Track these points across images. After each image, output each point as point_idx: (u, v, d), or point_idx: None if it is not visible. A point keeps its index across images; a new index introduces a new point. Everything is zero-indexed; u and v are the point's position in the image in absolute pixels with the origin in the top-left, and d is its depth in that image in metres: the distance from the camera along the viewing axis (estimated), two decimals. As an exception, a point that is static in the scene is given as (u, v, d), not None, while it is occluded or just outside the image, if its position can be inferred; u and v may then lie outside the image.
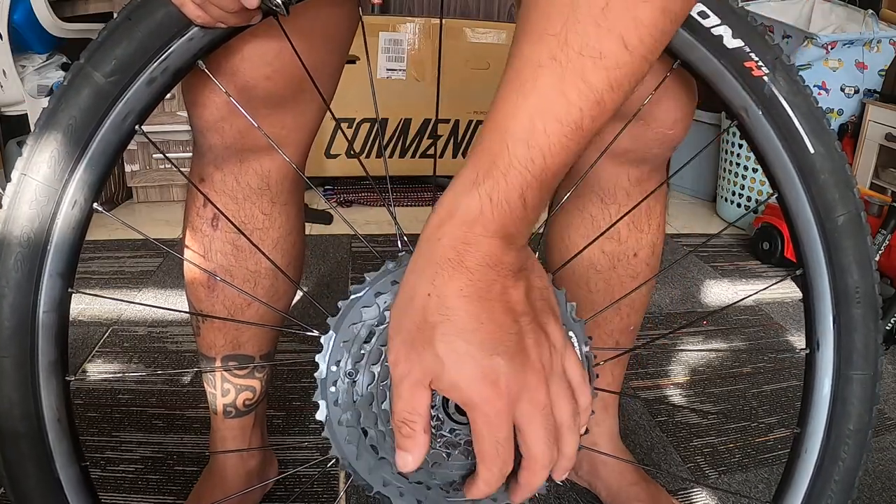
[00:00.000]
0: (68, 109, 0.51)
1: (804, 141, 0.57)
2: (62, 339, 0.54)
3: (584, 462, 0.99)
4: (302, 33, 0.63)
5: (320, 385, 0.48)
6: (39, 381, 0.53)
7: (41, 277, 0.52)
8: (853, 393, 0.60)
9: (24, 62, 1.95)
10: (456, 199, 0.41)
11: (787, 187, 0.59)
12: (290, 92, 0.68)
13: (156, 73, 0.52)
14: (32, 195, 0.51)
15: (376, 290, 0.49)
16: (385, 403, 0.47)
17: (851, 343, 0.59)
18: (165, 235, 1.98)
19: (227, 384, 0.86)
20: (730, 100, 0.58)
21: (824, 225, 0.58)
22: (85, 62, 0.51)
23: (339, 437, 0.49)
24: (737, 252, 2.07)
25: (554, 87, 0.39)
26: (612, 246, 0.84)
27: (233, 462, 0.92)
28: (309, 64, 0.62)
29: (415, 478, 0.49)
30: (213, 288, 0.79)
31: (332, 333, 0.49)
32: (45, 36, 1.91)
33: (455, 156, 2.47)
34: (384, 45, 2.27)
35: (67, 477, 0.55)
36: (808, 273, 0.60)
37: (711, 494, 1.05)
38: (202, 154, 0.74)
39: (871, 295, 0.59)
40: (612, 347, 0.90)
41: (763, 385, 1.35)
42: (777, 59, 0.57)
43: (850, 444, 0.60)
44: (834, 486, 0.61)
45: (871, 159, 2.03)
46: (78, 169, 0.52)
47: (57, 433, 0.54)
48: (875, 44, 2.07)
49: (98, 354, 1.34)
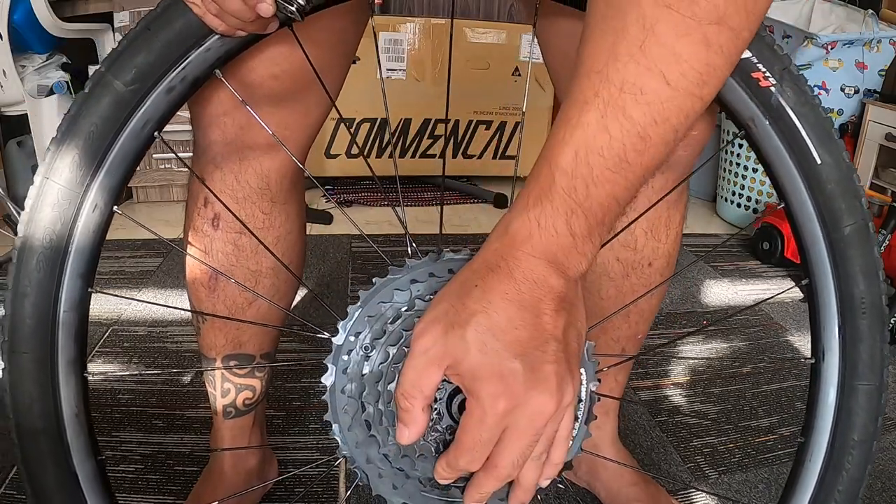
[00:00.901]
0: (89, 116, 0.52)
1: (811, 151, 0.58)
2: (81, 337, 0.56)
3: (583, 463, 0.99)
4: (312, 39, 0.63)
5: (335, 350, 0.50)
6: (59, 377, 0.54)
7: (62, 278, 0.53)
8: (858, 403, 0.60)
9: (24, 62, 1.95)
10: (510, 221, 0.43)
11: (793, 197, 0.59)
12: (296, 91, 0.68)
13: (174, 82, 0.54)
14: (55, 198, 0.52)
15: (413, 277, 0.50)
16: (392, 385, 0.48)
17: (857, 353, 0.59)
18: (166, 235, 1.98)
19: (228, 384, 0.86)
20: (737, 110, 0.58)
21: (831, 235, 0.58)
22: (106, 70, 0.53)
23: (337, 405, 0.50)
24: (737, 252, 2.07)
25: (597, 123, 0.41)
26: (627, 254, 0.82)
27: (232, 462, 0.92)
28: (318, 67, 0.62)
29: (397, 463, 0.49)
30: (214, 288, 0.79)
31: (360, 305, 0.50)
32: (45, 36, 1.91)
33: (455, 156, 2.47)
34: (384, 45, 2.27)
35: (84, 472, 0.56)
36: (814, 283, 0.60)
37: (711, 494, 1.05)
38: (202, 152, 0.74)
39: (878, 305, 0.59)
40: (618, 354, 0.89)
41: (763, 385, 1.35)
42: (785, 69, 0.57)
43: (855, 455, 0.60)
44: (837, 496, 0.60)
45: (871, 159, 2.03)
46: (99, 174, 0.53)
47: (75, 429, 0.55)
48: (875, 44, 2.07)
49: (98, 354, 1.34)
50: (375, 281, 0.51)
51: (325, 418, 0.50)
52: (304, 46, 0.59)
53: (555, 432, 0.45)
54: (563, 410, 0.44)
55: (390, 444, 0.49)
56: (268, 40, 0.63)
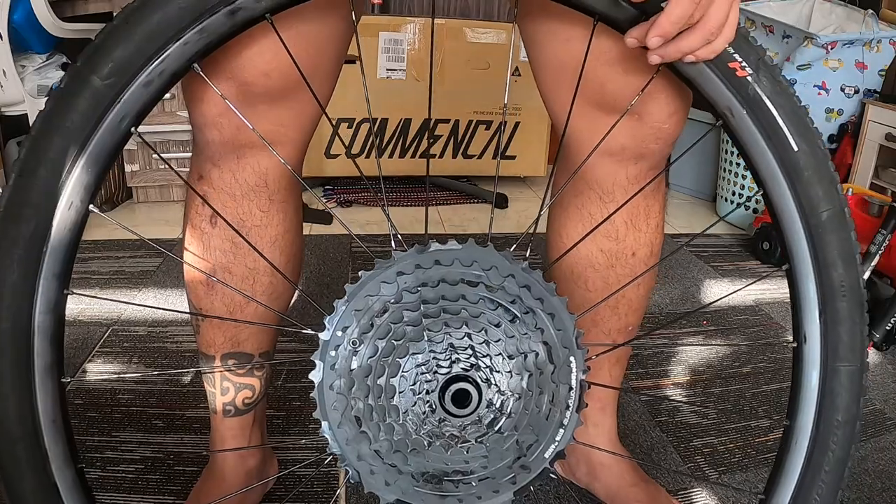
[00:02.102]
0: (65, 112, 0.51)
1: (788, 139, 0.59)
2: (58, 340, 0.54)
3: (582, 464, 0.99)
4: (299, 36, 0.63)
5: (321, 346, 0.50)
6: (36, 383, 0.52)
7: (37, 279, 0.52)
8: (841, 384, 0.61)
9: (24, 62, 1.96)
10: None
11: (772, 184, 0.60)
12: (289, 89, 0.68)
13: (152, 76, 0.53)
14: (29, 196, 0.51)
15: (399, 270, 0.50)
16: (381, 379, 0.48)
17: (838, 336, 0.61)
18: (165, 235, 1.98)
19: (227, 382, 0.86)
20: (714, 100, 0.59)
21: (809, 221, 0.60)
22: (82, 65, 0.51)
23: (326, 402, 0.50)
24: (737, 252, 2.07)
25: None
26: (609, 245, 0.84)
27: (232, 462, 0.92)
28: (306, 65, 0.63)
29: (389, 459, 0.49)
30: (213, 286, 0.79)
31: (347, 300, 0.50)
32: (45, 36, 1.91)
33: (455, 156, 2.47)
34: (384, 45, 2.27)
35: (63, 480, 0.54)
36: (794, 268, 0.61)
37: (711, 494, 1.05)
38: (201, 151, 0.74)
39: (857, 288, 0.60)
40: (609, 344, 0.90)
41: (763, 385, 1.35)
42: (760, 59, 0.58)
43: (839, 435, 0.62)
44: (824, 475, 0.62)
45: (871, 159, 2.03)
46: (74, 171, 0.52)
47: (53, 435, 0.53)
48: (875, 44, 2.07)
49: (98, 354, 1.34)
50: (361, 274, 0.50)
51: (315, 416, 0.50)
52: (291, 43, 0.59)
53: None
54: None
55: (382, 439, 0.49)
56: (257, 38, 0.63)
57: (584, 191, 0.82)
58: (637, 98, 0.68)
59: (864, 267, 1.58)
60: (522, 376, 0.52)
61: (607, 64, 0.68)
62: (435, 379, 0.47)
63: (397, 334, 0.46)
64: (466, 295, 0.51)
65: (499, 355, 0.51)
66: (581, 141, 0.78)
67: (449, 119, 2.40)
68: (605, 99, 0.72)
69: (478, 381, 0.50)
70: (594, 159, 0.75)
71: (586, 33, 0.66)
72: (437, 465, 0.50)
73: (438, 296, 0.50)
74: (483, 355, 0.51)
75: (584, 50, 0.66)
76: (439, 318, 0.50)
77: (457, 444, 0.50)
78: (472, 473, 0.51)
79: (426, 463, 0.49)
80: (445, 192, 2.49)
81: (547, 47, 0.74)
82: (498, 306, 0.51)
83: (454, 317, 0.50)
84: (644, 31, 0.55)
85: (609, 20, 0.57)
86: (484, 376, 0.51)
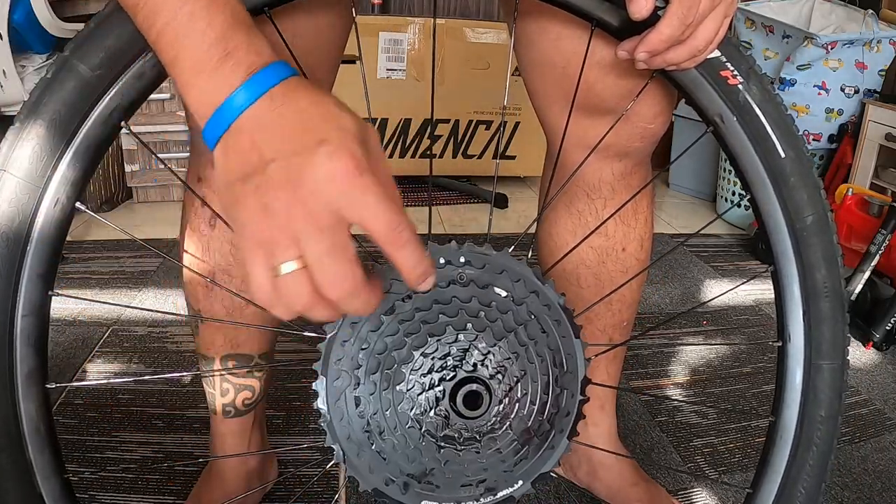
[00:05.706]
0: (52, 103, 0.48)
1: (776, 146, 0.61)
2: (42, 345, 0.51)
3: (583, 464, 0.99)
4: (297, 32, 0.63)
5: (327, 342, 0.49)
6: (18, 390, 0.50)
7: (20, 279, 0.49)
8: (824, 381, 0.63)
9: (24, 62, 1.95)
10: None
11: (759, 189, 0.62)
12: None
13: (145, 68, 0.50)
14: (12, 192, 0.48)
15: (395, 276, 0.50)
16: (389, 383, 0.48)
17: (821, 334, 0.63)
18: (166, 235, 1.98)
19: (227, 383, 0.86)
20: (706, 106, 0.61)
21: (794, 225, 0.61)
22: (70, 54, 0.49)
23: (329, 398, 0.50)
24: (737, 252, 2.07)
25: None
26: (600, 241, 0.85)
27: (232, 463, 0.92)
28: (305, 62, 0.62)
29: (393, 458, 0.50)
30: (212, 287, 0.79)
31: None
32: (45, 36, 1.91)
33: (455, 156, 2.47)
34: (384, 45, 2.27)
35: (49, 490, 0.52)
36: (780, 270, 0.63)
37: (711, 494, 1.05)
38: (200, 152, 0.74)
39: (838, 289, 0.63)
40: (605, 343, 0.90)
41: (763, 385, 1.35)
42: (751, 68, 0.60)
43: (823, 430, 0.63)
44: (809, 469, 0.64)
45: (871, 159, 2.03)
46: (61, 165, 0.49)
47: (37, 444, 0.51)
48: (875, 44, 2.07)
49: (98, 354, 1.34)
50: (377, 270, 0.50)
51: (316, 406, 0.50)
52: (289, 39, 0.59)
53: None
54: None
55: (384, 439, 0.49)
56: None
57: (570, 188, 0.84)
58: (632, 103, 0.69)
59: (865, 267, 1.58)
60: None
61: (597, 66, 0.69)
62: (443, 386, 0.47)
63: (405, 334, 0.46)
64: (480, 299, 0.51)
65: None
66: (564, 137, 0.79)
67: (449, 119, 2.40)
68: (591, 99, 0.73)
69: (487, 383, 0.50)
70: (578, 157, 0.77)
71: (577, 33, 0.68)
72: (432, 465, 0.50)
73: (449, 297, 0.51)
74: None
75: (574, 48, 0.68)
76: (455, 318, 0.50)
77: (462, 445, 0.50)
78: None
79: (424, 462, 0.49)
80: (445, 191, 2.49)
81: (537, 44, 0.74)
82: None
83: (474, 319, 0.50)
84: (634, 46, 0.56)
85: (605, 26, 0.58)
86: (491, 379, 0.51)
